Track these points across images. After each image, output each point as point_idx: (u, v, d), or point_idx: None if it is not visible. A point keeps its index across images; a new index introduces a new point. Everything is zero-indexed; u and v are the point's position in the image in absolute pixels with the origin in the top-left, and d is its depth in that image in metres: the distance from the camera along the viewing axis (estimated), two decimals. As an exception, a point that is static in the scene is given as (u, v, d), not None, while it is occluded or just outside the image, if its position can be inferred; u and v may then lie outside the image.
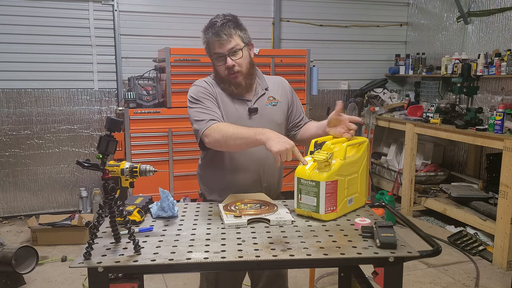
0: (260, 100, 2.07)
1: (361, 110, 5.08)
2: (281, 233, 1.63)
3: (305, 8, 5.50)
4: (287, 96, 2.16)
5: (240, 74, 1.99)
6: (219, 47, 1.94)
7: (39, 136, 4.66)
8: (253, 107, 2.03)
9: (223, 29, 1.92)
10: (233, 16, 2.00)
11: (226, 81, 2.01)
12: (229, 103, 2.03)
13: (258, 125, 1.97)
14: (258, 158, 2.01)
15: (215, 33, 1.92)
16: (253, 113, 2.03)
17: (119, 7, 4.76)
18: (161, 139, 4.46)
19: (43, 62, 4.60)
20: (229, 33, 1.93)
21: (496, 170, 3.96)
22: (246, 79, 2.02)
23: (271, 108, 2.08)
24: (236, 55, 1.96)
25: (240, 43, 1.97)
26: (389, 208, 2.08)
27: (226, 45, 1.94)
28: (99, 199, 4.54)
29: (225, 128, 1.85)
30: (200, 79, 2.12)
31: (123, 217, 1.48)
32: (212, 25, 1.94)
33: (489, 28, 4.78)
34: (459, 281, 3.35)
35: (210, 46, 1.98)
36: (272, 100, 2.10)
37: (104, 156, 1.47)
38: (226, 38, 1.92)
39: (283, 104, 2.13)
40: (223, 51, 1.94)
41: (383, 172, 5.40)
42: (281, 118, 2.10)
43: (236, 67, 1.96)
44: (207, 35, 1.97)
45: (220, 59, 1.97)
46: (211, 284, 2.09)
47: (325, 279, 3.36)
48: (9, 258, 3.02)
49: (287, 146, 1.74)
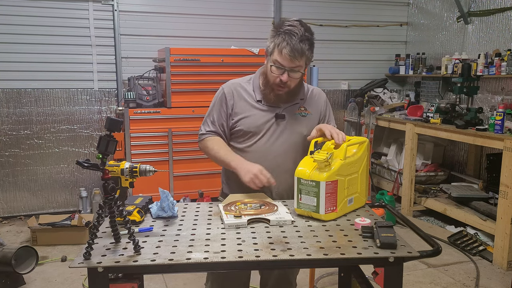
0: (291, 108, 2.06)
1: (361, 110, 5.08)
2: (281, 233, 1.63)
3: (305, 8, 5.49)
4: (319, 109, 2.14)
5: (286, 89, 1.99)
6: (286, 61, 1.90)
7: (39, 136, 4.66)
8: (281, 113, 2.03)
9: (299, 47, 1.86)
10: (311, 34, 1.93)
11: (269, 88, 2.00)
12: (255, 109, 2.03)
13: (281, 132, 2.02)
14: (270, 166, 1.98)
15: (290, 46, 1.86)
16: (280, 119, 2.03)
17: (119, 7, 4.76)
18: (161, 139, 4.46)
19: (43, 62, 4.60)
20: (302, 52, 1.88)
21: (496, 170, 3.96)
22: (289, 95, 2.02)
23: (300, 118, 2.07)
24: (295, 74, 1.95)
25: (303, 65, 1.95)
26: (389, 208, 2.08)
27: (293, 63, 1.90)
28: (99, 199, 4.53)
29: (210, 147, 2.04)
30: (233, 80, 2.13)
31: (123, 217, 1.48)
32: (290, 35, 1.86)
33: (489, 28, 4.77)
34: (459, 281, 3.35)
35: (277, 51, 1.91)
36: (303, 110, 2.09)
37: (104, 156, 1.47)
38: (297, 57, 1.88)
39: (313, 117, 2.11)
40: (287, 66, 1.91)
41: (383, 172, 5.39)
42: (308, 130, 2.04)
43: (288, 83, 1.96)
44: (280, 39, 1.89)
45: (279, 69, 1.93)
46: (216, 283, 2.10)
47: (325, 279, 3.36)
48: (9, 258, 3.02)
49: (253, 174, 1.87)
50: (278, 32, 1.90)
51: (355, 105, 5.22)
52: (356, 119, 5.11)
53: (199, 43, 4.96)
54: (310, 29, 1.94)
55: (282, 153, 2.03)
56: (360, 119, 5.04)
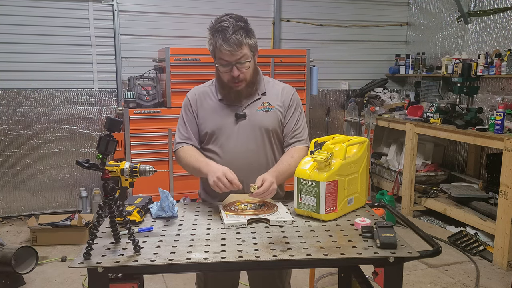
0: (252, 105, 2.04)
1: (361, 110, 5.08)
2: (281, 233, 1.63)
3: (305, 8, 5.49)
4: (283, 104, 2.08)
5: (243, 83, 1.97)
6: (227, 56, 1.88)
7: (39, 136, 4.66)
8: (241, 113, 2.01)
9: (234, 38, 1.84)
10: (244, 21, 1.92)
11: (227, 87, 1.99)
12: (218, 109, 2.03)
13: (244, 130, 2.00)
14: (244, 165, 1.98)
15: (225, 40, 1.84)
16: (241, 119, 2.01)
17: (119, 7, 4.76)
18: (161, 139, 4.45)
19: (43, 62, 4.60)
20: (239, 42, 1.86)
21: (496, 170, 3.96)
22: (248, 87, 2.00)
23: (262, 114, 2.03)
24: (243, 66, 1.92)
25: (248, 53, 1.92)
26: (389, 208, 2.08)
27: (235, 55, 1.88)
28: (99, 199, 4.53)
29: (183, 156, 2.02)
30: (195, 87, 2.14)
31: (123, 217, 1.48)
32: (223, 31, 1.85)
33: (489, 28, 4.77)
34: (459, 281, 3.35)
35: (217, 51, 1.90)
36: (267, 106, 2.05)
37: (104, 156, 1.47)
38: (236, 48, 1.86)
39: (277, 112, 2.06)
40: (231, 60, 1.90)
41: (383, 172, 5.39)
42: (273, 124, 2.04)
43: (241, 76, 1.94)
44: (215, 39, 1.88)
45: (225, 66, 1.92)
46: (202, 281, 2.10)
47: (325, 279, 3.35)
48: (9, 258, 3.02)
49: (216, 176, 1.81)
50: (212, 32, 1.90)
51: (355, 105, 5.22)
52: (356, 119, 5.11)
53: (199, 43, 4.93)
54: (241, 18, 1.93)
55: (252, 151, 2.01)
56: (360, 119, 5.04)
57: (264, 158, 2.04)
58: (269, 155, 2.06)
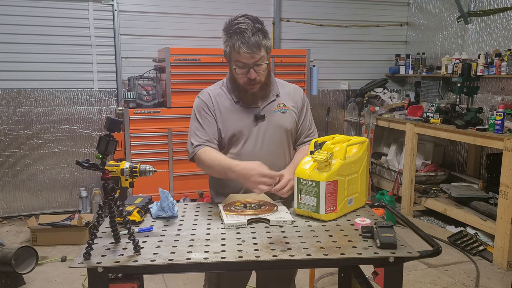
0: (269, 106, 2.05)
1: (361, 110, 5.08)
2: (281, 233, 1.63)
3: (305, 8, 5.49)
4: (297, 104, 2.12)
5: (258, 85, 1.97)
6: (245, 58, 1.87)
7: (38, 136, 4.66)
8: (260, 114, 2.02)
9: (253, 40, 1.84)
10: (260, 23, 1.91)
11: (242, 89, 1.98)
12: (236, 111, 2.02)
13: (265, 131, 2.01)
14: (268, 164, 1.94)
15: (244, 43, 1.83)
16: (260, 120, 2.02)
17: (119, 7, 4.76)
18: (161, 139, 4.45)
19: (43, 62, 4.60)
20: (258, 45, 1.86)
21: (496, 170, 3.96)
22: (262, 89, 2.01)
23: (280, 115, 2.06)
24: (260, 68, 1.92)
25: (265, 55, 1.92)
26: (389, 208, 2.08)
27: (254, 58, 1.88)
28: (99, 199, 4.53)
29: (205, 159, 1.94)
30: (206, 88, 2.11)
31: (123, 217, 1.48)
32: (241, 32, 1.84)
33: (489, 28, 4.77)
34: (459, 281, 3.35)
35: (234, 53, 1.89)
36: (283, 107, 2.08)
37: (104, 156, 1.47)
38: (255, 51, 1.85)
39: (292, 112, 2.10)
40: (249, 63, 1.89)
41: (383, 172, 5.39)
42: (290, 125, 2.07)
43: (257, 78, 1.94)
44: (233, 40, 1.86)
45: (242, 68, 1.92)
46: (213, 284, 2.09)
47: (325, 279, 3.35)
48: (9, 258, 3.02)
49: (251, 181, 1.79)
50: (229, 34, 1.89)
51: (355, 105, 5.22)
52: (356, 119, 5.11)
53: (199, 43, 4.96)
54: (258, 19, 1.93)
55: (272, 152, 2.03)
56: (360, 119, 5.04)
57: (283, 158, 2.08)
58: (287, 154, 2.10)
